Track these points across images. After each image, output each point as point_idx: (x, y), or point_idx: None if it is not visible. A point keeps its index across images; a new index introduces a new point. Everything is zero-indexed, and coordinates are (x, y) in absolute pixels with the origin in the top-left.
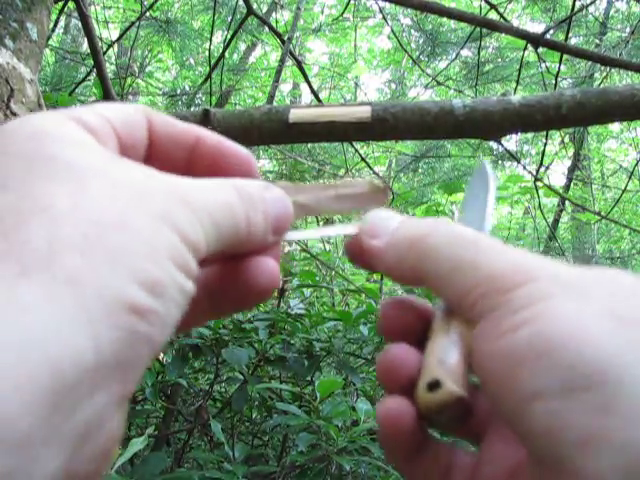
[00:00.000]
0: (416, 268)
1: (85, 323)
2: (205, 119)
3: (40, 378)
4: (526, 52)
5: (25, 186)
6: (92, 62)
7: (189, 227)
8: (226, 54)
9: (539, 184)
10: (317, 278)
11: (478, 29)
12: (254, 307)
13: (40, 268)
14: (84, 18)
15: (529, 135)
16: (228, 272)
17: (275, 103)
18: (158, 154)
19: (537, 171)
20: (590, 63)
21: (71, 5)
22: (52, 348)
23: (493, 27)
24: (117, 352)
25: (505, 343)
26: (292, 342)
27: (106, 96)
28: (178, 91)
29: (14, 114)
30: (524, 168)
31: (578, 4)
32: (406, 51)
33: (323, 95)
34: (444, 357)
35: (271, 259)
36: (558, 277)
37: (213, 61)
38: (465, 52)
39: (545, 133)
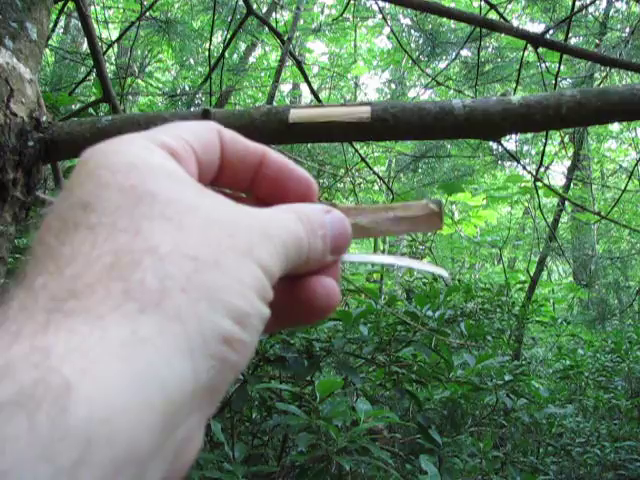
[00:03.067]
0: None
1: (187, 354)
2: (205, 119)
3: (155, 403)
4: (526, 52)
5: (133, 224)
6: (92, 62)
7: (269, 258)
8: (226, 54)
9: (539, 184)
10: None
11: (478, 29)
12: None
13: (154, 305)
14: (84, 18)
15: (529, 135)
16: (291, 290)
17: (275, 103)
18: (227, 171)
19: (537, 171)
20: (590, 63)
21: (71, 5)
22: (164, 376)
23: (493, 27)
24: (211, 379)
25: None
26: (292, 342)
27: (106, 96)
28: (178, 91)
29: (14, 114)
30: (524, 168)
31: (578, 4)
32: (406, 51)
33: (323, 95)
34: None
35: (330, 279)
36: None
37: (213, 61)
38: (465, 52)
39: (545, 133)
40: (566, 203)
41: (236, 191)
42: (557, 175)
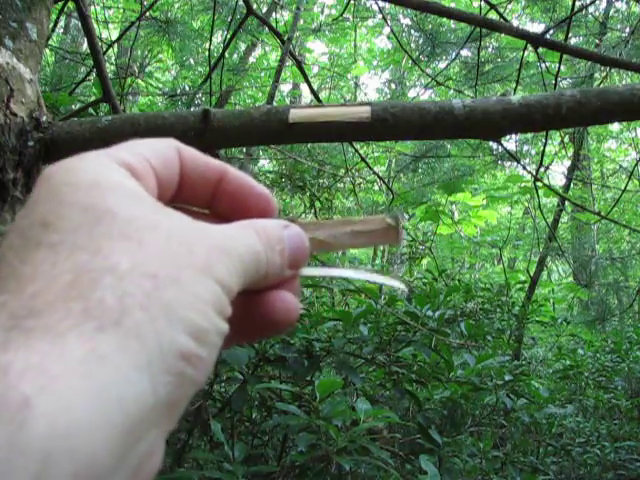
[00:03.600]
0: None
1: (146, 370)
2: (205, 119)
3: (115, 419)
4: (526, 52)
5: (93, 243)
6: (92, 62)
7: (226, 274)
8: (226, 54)
9: (539, 184)
10: (317, 278)
11: (478, 29)
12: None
13: (113, 323)
14: (84, 18)
15: (529, 135)
16: (250, 304)
17: (275, 103)
18: (187, 188)
19: (537, 171)
20: (590, 63)
21: (71, 5)
22: (123, 393)
23: (493, 27)
24: (169, 394)
25: None
26: (292, 342)
27: (106, 96)
28: (178, 91)
29: (14, 114)
30: (524, 168)
31: (578, 4)
32: (406, 51)
33: (323, 95)
34: None
35: (288, 293)
36: None
37: (213, 61)
38: (465, 52)
39: (545, 133)
40: (566, 203)
41: (196, 207)
42: (557, 175)
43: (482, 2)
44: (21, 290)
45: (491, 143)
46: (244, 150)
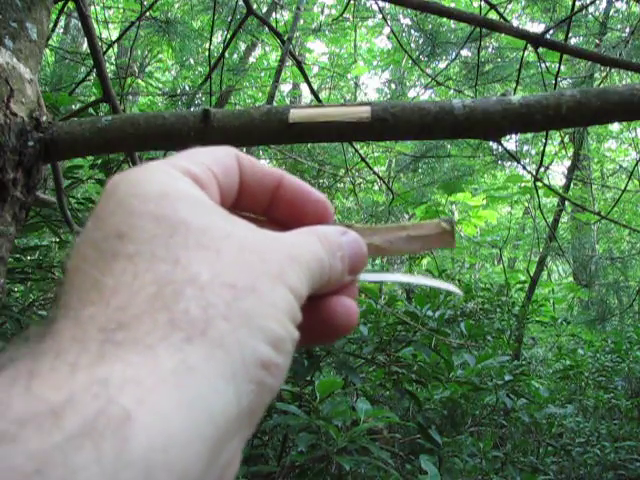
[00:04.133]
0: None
1: (231, 380)
2: (205, 119)
3: (205, 430)
4: (526, 52)
5: (171, 254)
6: (92, 62)
7: (297, 281)
8: (226, 54)
9: (539, 184)
10: None
11: (478, 29)
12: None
13: (200, 334)
14: (84, 18)
15: (529, 135)
16: (312, 310)
17: (275, 103)
18: (245, 195)
19: (537, 171)
20: (590, 63)
21: (71, 5)
22: (212, 403)
23: (493, 27)
24: (251, 402)
25: None
26: None
27: (106, 96)
28: (178, 91)
29: (14, 114)
30: (524, 168)
31: (578, 4)
32: (406, 51)
33: (323, 95)
34: None
35: (348, 298)
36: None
37: (213, 61)
38: (465, 52)
39: (545, 133)
40: (566, 203)
41: (255, 214)
42: (557, 175)
43: (482, 2)
44: (105, 302)
45: (491, 143)
46: (244, 150)
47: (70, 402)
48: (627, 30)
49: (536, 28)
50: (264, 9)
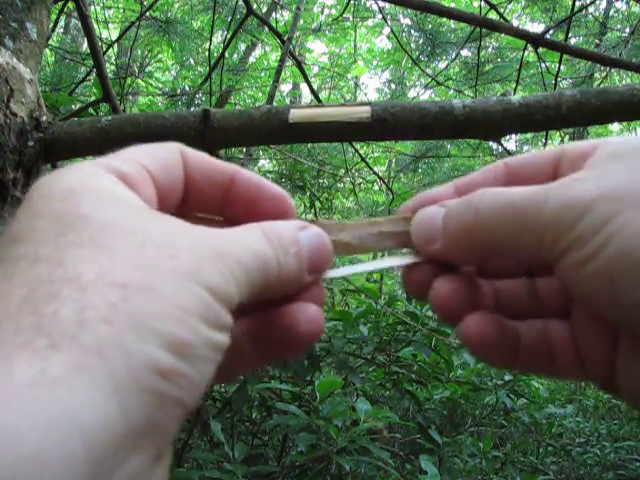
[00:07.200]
0: (480, 250)
1: (111, 391)
2: (205, 119)
3: (75, 452)
4: (526, 52)
5: (57, 253)
6: (92, 62)
7: (219, 279)
8: (226, 54)
9: None
10: None
11: (478, 29)
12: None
13: (68, 340)
14: (84, 18)
15: (529, 135)
16: (270, 319)
17: (275, 103)
18: (194, 193)
19: None
20: (590, 63)
21: (71, 5)
22: (83, 420)
23: (493, 27)
24: (146, 416)
25: (592, 267)
26: None
27: (106, 96)
28: (178, 91)
29: (14, 114)
30: None
31: (578, 4)
32: (406, 51)
33: (323, 95)
34: None
35: (312, 305)
36: (607, 195)
37: (213, 61)
38: (465, 52)
39: (545, 133)
40: None
41: (210, 214)
42: None
43: (482, 2)
44: None
45: (491, 143)
46: (244, 150)
47: None
48: (627, 30)
49: (536, 28)
50: (264, 9)
